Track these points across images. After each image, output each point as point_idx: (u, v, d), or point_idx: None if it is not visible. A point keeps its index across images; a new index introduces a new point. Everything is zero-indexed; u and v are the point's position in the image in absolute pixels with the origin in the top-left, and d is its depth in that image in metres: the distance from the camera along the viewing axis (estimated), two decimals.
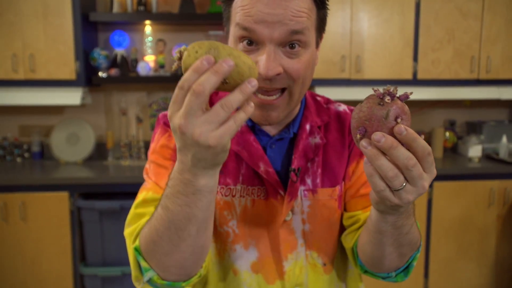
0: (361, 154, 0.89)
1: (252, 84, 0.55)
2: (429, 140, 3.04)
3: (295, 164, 0.84)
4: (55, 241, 2.43)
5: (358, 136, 0.57)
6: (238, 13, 0.73)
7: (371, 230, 0.71)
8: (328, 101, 0.96)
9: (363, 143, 0.56)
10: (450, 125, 3.16)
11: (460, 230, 2.69)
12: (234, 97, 0.54)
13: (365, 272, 0.84)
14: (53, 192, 2.40)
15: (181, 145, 0.57)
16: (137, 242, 0.71)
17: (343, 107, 0.95)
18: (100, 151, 2.92)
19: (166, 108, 2.81)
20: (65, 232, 2.43)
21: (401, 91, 0.58)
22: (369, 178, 0.57)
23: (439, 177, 2.62)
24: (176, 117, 0.54)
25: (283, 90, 0.76)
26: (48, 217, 2.41)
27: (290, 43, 0.73)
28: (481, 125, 3.03)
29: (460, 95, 2.85)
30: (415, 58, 2.78)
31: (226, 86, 0.56)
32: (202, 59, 0.53)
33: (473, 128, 3.12)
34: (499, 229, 2.72)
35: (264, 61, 0.71)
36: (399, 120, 0.54)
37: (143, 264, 0.69)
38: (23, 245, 2.42)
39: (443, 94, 2.84)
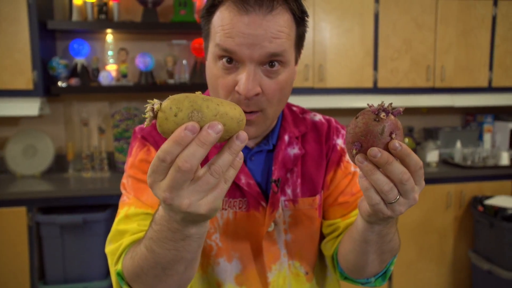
0: (338, 163, 0.90)
1: (241, 140, 0.50)
2: None
3: (275, 175, 0.84)
4: (12, 259, 2.30)
5: (354, 151, 0.57)
6: (218, 33, 0.73)
7: (357, 240, 0.72)
8: (303, 111, 0.97)
9: (359, 158, 0.57)
10: (409, 132, 3.28)
11: (420, 232, 2.80)
12: (224, 160, 0.49)
13: (345, 278, 0.86)
14: (9, 207, 2.28)
15: (167, 209, 0.53)
16: (119, 266, 0.70)
17: (318, 117, 0.96)
18: (60, 163, 2.81)
19: (129, 118, 2.75)
20: (23, 249, 2.31)
21: (363, 99, 0.61)
22: (364, 192, 0.58)
23: None
24: (159, 189, 0.49)
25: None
26: (4, 234, 2.28)
27: (270, 62, 0.74)
28: (437, 131, 3.17)
29: (418, 103, 2.98)
30: (375, 67, 2.87)
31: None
32: (185, 127, 0.46)
33: (430, 134, 3.26)
34: (456, 230, 2.85)
35: (244, 81, 0.72)
36: (393, 135, 0.56)
37: None
38: None
39: (401, 101, 2.95)
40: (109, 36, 2.80)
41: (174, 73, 2.81)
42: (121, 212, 0.79)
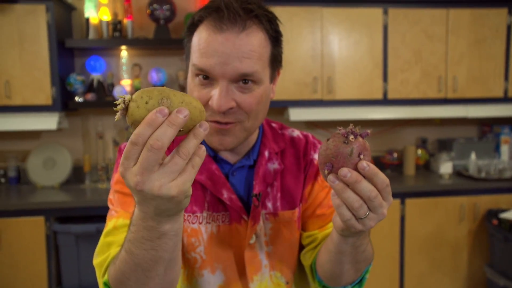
0: (315, 177, 0.94)
1: (204, 128, 0.54)
2: (401, 157, 3.12)
3: (256, 189, 0.88)
4: (30, 266, 2.42)
5: (326, 171, 0.62)
6: (195, 53, 0.79)
7: (332, 251, 0.76)
8: (282, 127, 1.00)
9: (331, 177, 0.62)
10: (422, 143, 3.24)
11: (432, 245, 2.75)
12: (190, 143, 0.53)
13: (323, 287, 0.88)
14: (28, 217, 2.41)
15: (140, 200, 0.55)
16: (106, 277, 0.72)
17: (296, 133, 0.99)
18: (77, 175, 2.94)
19: None
20: (41, 257, 2.43)
21: (373, 111, 0.65)
22: (336, 208, 0.63)
23: (411, 194, 2.69)
24: (131, 174, 0.52)
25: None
26: (23, 242, 2.41)
27: (243, 80, 0.78)
28: (452, 143, 3.12)
29: (429, 114, 2.94)
30: (385, 79, 2.87)
31: (180, 132, 0.54)
32: (156, 111, 0.50)
33: (444, 145, 3.20)
34: (470, 244, 2.78)
35: (216, 97, 0.76)
36: (361, 156, 0.61)
37: None
38: None
39: (413, 113, 2.93)
40: (124, 52, 2.92)
41: (186, 87, 2.89)
42: (109, 224, 0.82)
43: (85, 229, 2.40)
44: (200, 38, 0.78)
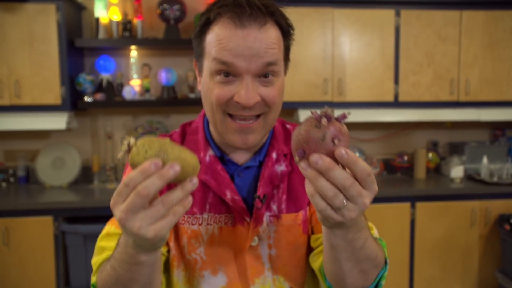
0: None
1: (193, 183, 0.58)
2: (412, 160, 3.08)
3: (260, 191, 0.87)
4: (38, 266, 2.42)
5: (297, 158, 0.58)
6: (214, 48, 0.77)
7: (325, 246, 0.72)
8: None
9: (302, 165, 0.57)
10: (433, 146, 3.21)
11: (443, 250, 2.72)
12: (175, 195, 0.57)
13: None
14: (37, 216, 2.41)
15: (123, 231, 0.60)
16: (94, 279, 0.78)
17: None
18: (86, 175, 2.93)
19: (151, 131, 2.84)
20: (49, 257, 2.43)
21: (384, 113, 0.60)
22: (310, 198, 0.59)
23: (422, 198, 2.66)
24: (118, 210, 0.56)
25: (258, 115, 0.81)
26: (32, 242, 2.41)
27: (265, 73, 0.78)
28: (463, 146, 3.08)
29: (441, 117, 2.91)
30: (396, 81, 2.84)
31: (174, 181, 0.58)
32: (151, 162, 0.54)
33: (455, 149, 3.16)
34: (482, 248, 2.75)
35: (244, 92, 0.77)
36: (336, 141, 0.55)
37: None
38: (6, 271, 2.41)
39: (424, 115, 2.89)
40: (133, 52, 2.91)
41: (195, 88, 2.88)
42: (106, 228, 0.86)
43: (93, 230, 2.40)
44: (219, 34, 0.77)
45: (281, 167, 0.90)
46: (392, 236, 2.64)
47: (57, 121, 2.63)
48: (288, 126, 0.98)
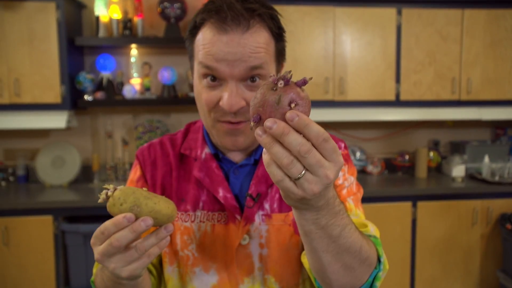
0: None
1: (167, 230, 0.64)
2: (413, 160, 3.07)
3: (252, 189, 0.87)
4: (38, 266, 2.41)
5: (252, 123, 0.54)
6: (200, 52, 0.78)
7: (300, 234, 0.66)
8: None
9: (258, 131, 0.52)
10: (434, 145, 3.20)
11: (444, 249, 2.71)
12: (149, 242, 0.63)
13: None
14: (36, 216, 2.39)
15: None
16: (93, 277, 0.81)
17: None
18: (86, 174, 2.92)
19: (151, 130, 2.83)
20: (49, 256, 2.41)
21: (385, 112, 0.56)
22: (267, 167, 0.54)
23: (423, 197, 2.65)
24: (96, 250, 0.63)
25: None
26: (31, 241, 2.39)
27: (251, 77, 0.78)
28: (464, 145, 3.07)
29: (443, 116, 2.90)
30: (398, 80, 2.83)
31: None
32: (123, 216, 0.60)
33: (457, 148, 3.16)
34: (483, 248, 2.74)
35: (226, 98, 0.76)
36: (293, 105, 0.51)
37: None
38: (6, 271, 2.39)
39: (425, 115, 2.88)
40: (134, 50, 2.89)
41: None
42: None
43: (93, 229, 2.36)
44: (205, 39, 0.78)
45: None
46: (393, 236, 2.63)
47: (57, 120, 2.61)
48: None
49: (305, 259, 0.86)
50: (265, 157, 0.54)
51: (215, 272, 0.87)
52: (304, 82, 0.52)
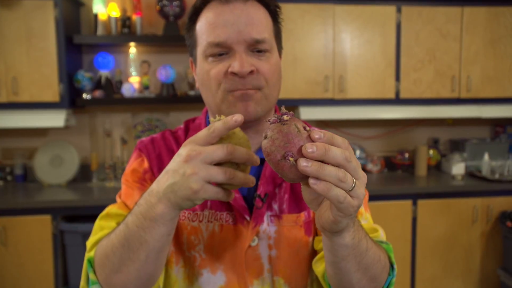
0: None
1: (235, 118, 0.60)
2: (413, 158, 3.07)
3: (260, 190, 0.85)
4: (37, 266, 2.39)
5: (292, 160, 0.53)
6: (205, 33, 0.79)
7: (331, 261, 0.68)
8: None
9: (303, 163, 0.52)
10: (434, 143, 3.20)
11: (445, 247, 2.70)
12: (219, 125, 0.61)
13: None
14: (35, 215, 2.37)
15: (171, 168, 0.61)
16: (92, 253, 0.74)
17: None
18: (84, 173, 2.90)
19: (150, 129, 2.81)
20: (48, 256, 2.39)
21: (385, 110, 0.58)
22: (327, 194, 0.53)
23: (423, 195, 2.65)
24: (193, 147, 0.59)
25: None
26: (29, 241, 2.37)
27: (257, 49, 0.79)
28: (464, 143, 3.07)
29: (442, 114, 2.89)
30: (397, 78, 2.82)
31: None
32: (233, 117, 0.61)
33: (456, 146, 3.15)
34: (483, 246, 2.73)
35: (237, 60, 0.77)
36: (308, 129, 0.54)
37: (92, 277, 0.72)
38: (4, 271, 2.37)
39: (425, 113, 2.88)
40: (132, 49, 2.88)
41: (195, 85, 2.85)
42: (106, 209, 0.85)
43: (91, 229, 2.36)
44: (208, 17, 0.79)
45: None
46: (394, 234, 2.63)
47: (55, 119, 2.59)
48: None
49: (317, 266, 0.85)
50: (320, 185, 0.53)
51: (222, 273, 0.85)
52: (291, 114, 0.56)
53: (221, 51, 0.78)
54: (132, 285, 0.69)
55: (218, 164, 0.61)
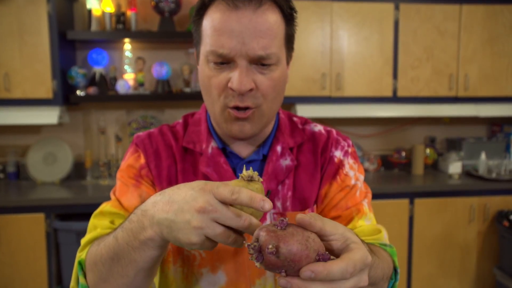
0: (333, 176, 0.87)
1: (263, 205, 0.56)
2: (410, 156, 3.06)
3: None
4: (30, 264, 2.36)
5: (317, 257, 0.51)
6: (209, 37, 0.74)
7: None
8: (305, 121, 0.95)
9: (282, 280, 0.50)
10: (431, 142, 3.18)
11: (441, 246, 2.70)
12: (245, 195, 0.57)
13: None
14: (28, 213, 2.34)
15: (178, 201, 0.57)
16: (83, 255, 0.73)
17: (318, 128, 0.93)
18: (78, 171, 2.86)
19: (145, 126, 2.78)
20: (41, 255, 2.36)
21: (382, 108, 0.55)
22: None
23: (420, 194, 2.63)
24: (212, 201, 0.55)
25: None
26: (23, 239, 2.34)
27: (261, 63, 0.74)
28: (461, 142, 3.05)
29: (439, 113, 2.88)
30: (395, 76, 2.80)
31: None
32: (262, 198, 0.56)
33: (453, 145, 3.14)
34: (480, 245, 2.73)
35: (237, 77, 0.73)
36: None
37: (81, 280, 0.71)
38: None
39: (422, 111, 2.86)
40: (127, 45, 2.84)
41: (191, 82, 2.82)
42: (100, 207, 0.83)
43: (86, 227, 2.32)
44: (214, 19, 0.74)
45: (286, 162, 0.85)
46: (390, 233, 2.61)
47: (49, 116, 2.56)
48: (295, 119, 0.94)
49: None
50: None
51: (223, 273, 0.83)
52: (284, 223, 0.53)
53: (223, 61, 0.74)
54: None
55: None
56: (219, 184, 0.57)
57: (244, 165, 0.73)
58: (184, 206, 0.56)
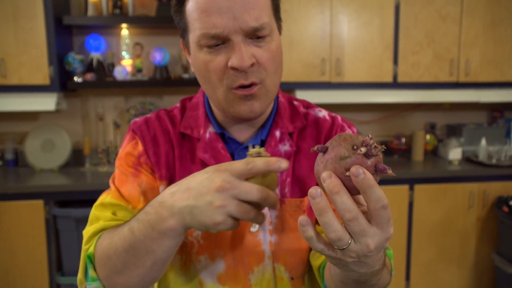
0: None
1: (279, 165, 0.59)
2: (409, 142, 3.04)
3: None
4: (30, 251, 2.36)
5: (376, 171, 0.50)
6: (197, 21, 0.71)
7: (335, 280, 0.67)
8: (308, 105, 0.92)
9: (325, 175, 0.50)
10: (431, 128, 3.17)
11: (440, 232, 2.70)
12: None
13: None
14: (27, 200, 2.34)
15: (195, 187, 0.59)
16: (91, 249, 0.71)
17: (323, 113, 0.90)
18: (76, 158, 2.85)
19: (143, 113, 2.76)
20: (41, 242, 2.36)
21: (382, 94, 0.56)
22: (317, 215, 0.51)
23: (420, 180, 2.63)
24: (228, 178, 0.58)
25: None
26: (22, 226, 2.34)
27: (256, 36, 0.72)
28: (461, 128, 3.04)
29: (440, 98, 2.86)
30: (395, 61, 2.77)
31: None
32: (278, 160, 0.59)
33: (453, 131, 3.13)
34: (479, 231, 2.73)
35: (236, 54, 0.70)
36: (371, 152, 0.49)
37: (91, 273, 0.70)
38: None
39: (423, 97, 2.84)
40: (124, 30, 2.80)
41: (189, 68, 2.79)
42: (101, 198, 0.82)
43: (85, 213, 2.33)
44: (198, 1, 0.71)
45: (285, 147, 0.84)
46: None
47: (46, 102, 2.53)
48: (296, 102, 0.91)
49: (315, 259, 0.82)
50: (320, 202, 0.50)
51: (221, 260, 0.82)
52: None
53: (218, 42, 0.71)
54: (135, 287, 0.69)
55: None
56: (232, 162, 0.59)
57: (250, 144, 0.71)
58: (202, 190, 0.58)
